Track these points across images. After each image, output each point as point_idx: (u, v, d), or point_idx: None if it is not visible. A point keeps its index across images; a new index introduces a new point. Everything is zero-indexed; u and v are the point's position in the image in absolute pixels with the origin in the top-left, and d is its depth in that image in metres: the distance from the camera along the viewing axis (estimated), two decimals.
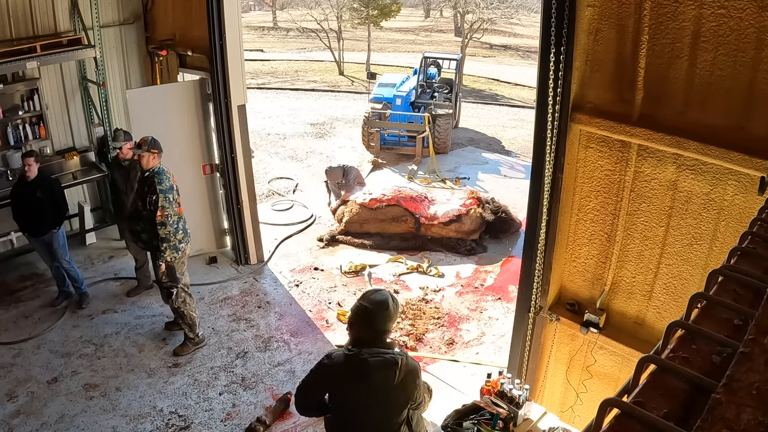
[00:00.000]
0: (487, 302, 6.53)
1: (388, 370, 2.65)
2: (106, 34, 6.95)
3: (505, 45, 29.26)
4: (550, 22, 3.36)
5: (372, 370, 2.65)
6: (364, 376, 2.67)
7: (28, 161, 5.48)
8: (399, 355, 2.70)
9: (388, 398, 2.75)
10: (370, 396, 2.74)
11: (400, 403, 2.77)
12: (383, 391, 2.71)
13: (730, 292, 1.18)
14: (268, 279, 6.92)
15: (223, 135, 6.50)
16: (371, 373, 2.65)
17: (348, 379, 2.72)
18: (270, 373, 5.27)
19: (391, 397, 2.75)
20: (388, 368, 2.65)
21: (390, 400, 2.76)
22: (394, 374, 2.64)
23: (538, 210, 3.86)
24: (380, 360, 2.65)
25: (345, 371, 2.71)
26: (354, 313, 2.75)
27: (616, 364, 3.88)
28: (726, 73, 2.92)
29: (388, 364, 2.65)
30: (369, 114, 11.74)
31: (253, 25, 32.60)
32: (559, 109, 3.55)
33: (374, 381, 2.67)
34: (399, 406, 2.78)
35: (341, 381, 2.74)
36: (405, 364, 2.68)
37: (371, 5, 22.44)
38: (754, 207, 2.80)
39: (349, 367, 2.69)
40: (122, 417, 4.69)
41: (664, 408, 0.87)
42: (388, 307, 2.71)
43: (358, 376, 2.69)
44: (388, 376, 2.65)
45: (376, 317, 2.70)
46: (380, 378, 2.66)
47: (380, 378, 2.66)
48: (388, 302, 2.72)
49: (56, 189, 5.84)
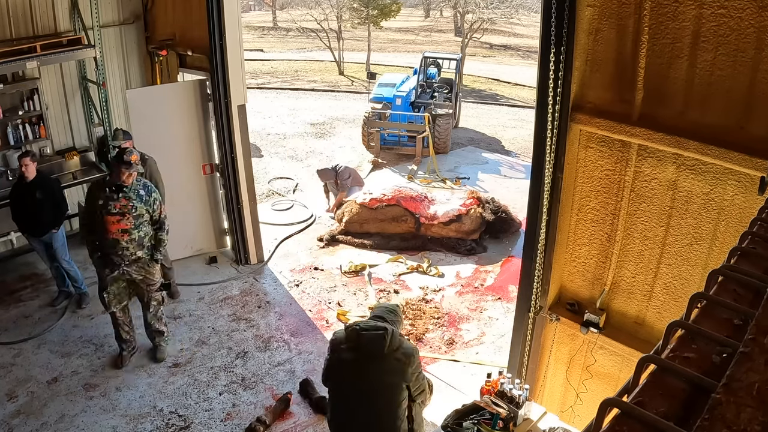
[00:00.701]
0: (487, 302, 6.53)
1: (377, 336, 2.94)
2: (106, 34, 6.95)
3: (505, 45, 29.26)
4: (550, 22, 3.36)
5: (362, 337, 2.96)
6: (357, 345, 2.97)
7: (25, 161, 5.46)
8: (390, 327, 3.01)
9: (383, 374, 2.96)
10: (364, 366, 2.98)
11: (394, 378, 2.95)
12: (375, 362, 2.95)
13: (730, 292, 1.18)
14: (268, 279, 6.92)
15: (223, 135, 6.50)
16: (361, 341, 2.96)
17: (344, 350, 3.03)
18: (270, 373, 5.27)
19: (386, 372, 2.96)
20: (377, 334, 2.95)
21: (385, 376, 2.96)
22: (383, 339, 2.92)
23: (538, 210, 3.86)
24: (371, 326, 3.00)
25: (343, 341, 3.05)
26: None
27: (616, 364, 3.88)
28: (726, 73, 2.93)
29: (377, 329, 2.97)
30: (369, 114, 11.74)
31: (253, 25, 32.61)
32: (559, 109, 3.55)
33: (364, 348, 2.96)
34: (394, 383, 2.95)
35: (340, 351, 3.05)
36: (396, 337, 2.97)
37: (371, 5, 22.45)
38: (754, 207, 2.80)
39: (347, 337, 3.03)
40: (122, 417, 4.69)
41: (664, 408, 0.87)
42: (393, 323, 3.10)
43: (352, 346, 3.00)
44: (377, 342, 2.92)
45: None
46: (370, 343, 2.94)
47: (370, 343, 2.94)
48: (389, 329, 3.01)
49: (56, 189, 5.82)
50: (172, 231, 6.83)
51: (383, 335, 2.92)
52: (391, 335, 2.93)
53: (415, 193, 8.17)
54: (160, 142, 6.54)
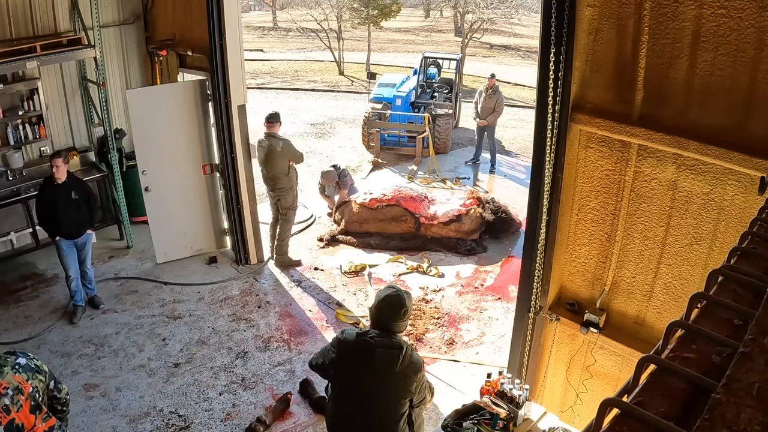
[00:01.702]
0: (487, 302, 6.53)
1: (392, 355, 2.78)
2: (106, 34, 6.95)
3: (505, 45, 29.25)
4: (550, 22, 3.36)
5: (375, 352, 2.79)
6: (369, 356, 2.80)
7: (56, 162, 5.37)
8: (405, 343, 2.83)
9: (389, 386, 2.84)
10: (372, 379, 2.85)
11: (400, 393, 2.85)
12: (385, 377, 2.81)
13: (730, 292, 1.18)
14: (268, 279, 6.92)
15: (223, 135, 6.50)
16: (374, 354, 2.79)
17: (354, 358, 2.87)
18: (270, 373, 5.27)
19: (392, 386, 2.84)
20: (391, 352, 2.78)
21: (390, 388, 2.85)
22: (397, 358, 2.75)
23: (538, 210, 3.86)
24: (386, 343, 2.80)
25: (353, 348, 2.87)
26: (371, 311, 2.96)
27: (616, 364, 3.88)
28: (726, 73, 2.92)
29: (392, 348, 2.79)
30: (369, 114, 11.74)
31: (253, 25, 32.59)
32: (559, 109, 3.55)
33: (376, 363, 2.80)
34: (398, 397, 2.86)
35: (348, 357, 2.90)
36: (409, 354, 2.80)
37: (371, 5, 22.44)
38: (754, 207, 2.80)
39: (357, 345, 2.86)
40: (122, 417, 4.69)
41: (664, 408, 0.86)
42: (400, 313, 2.88)
43: (363, 357, 2.83)
44: (390, 361, 2.77)
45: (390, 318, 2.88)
46: (383, 361, 2.78)
47: (383, 361, 2.78)
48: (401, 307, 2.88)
49: (87, 187, 5.85)
50: (173, 231, 6.89)
51: (398, 354, 2.79)
52: (404, 353, 2.80)
53: (415, 193, 8.18)
54: (160, 142, 6.55)
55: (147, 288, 6.56)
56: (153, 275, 6.79)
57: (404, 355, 2.78)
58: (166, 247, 6.99)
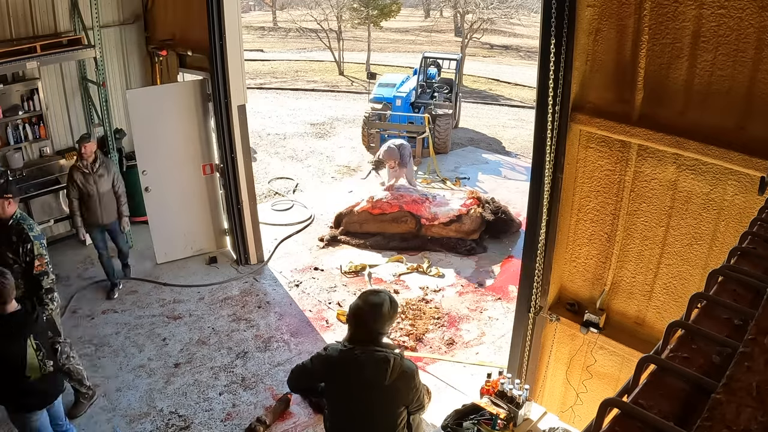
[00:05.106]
0: (487, 302, 6.53)
1: (379, 368, 2.64)
2: (106, 34, 6.95)
3: (505, 45, 29.27)
4: (550, 23, 3.35)
5: (362, 367, 2.66)
6: (355, 372, 2.68)
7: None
8: (392, 354, 2.68)
9: (381, 399, 2.72)
10: (363, 395, 2.73)
11: (394, 405, 2.74)
12: (375, 390, 2.69)
13: (730, 292, 1.18)
14: (268, 279, 6.92)
15: (223, 135, 6.50)
16: (361, 370, 2.66)
17: (339, 375, 2.75)
18: (270, 373, 5.27)
19: (385, 398, 2.72)
20: (378, 366, 2.64)
21: (383, 402, 2.73)
22: (385, 372, 2.63)
23: (538, 210, 3.86)
24: (371, 357, 2.65)
25: (337, 365, 2.73)
26: (350, 312, 2.81)
27: (616, 364, 3.88)
28: (726, 73, 2.92)
29: (379, 361, 2.64)
30: (369, 114, 11.74)
31: (253, 25, 32.61)
32: (559, 109, 3.55)
33: (365, 378, 2.67)
34: (393, 408, 2.75)
35: (333, 375, 2.77)
36: (398, 365, 2.66)
37: (371, 5, 22.45)
38: (754, 207, 2.80)
39: (341, 362, 2.72)
40: (122, 417, 4.69)
41: (664, 408, 0.86)
42: (383, 309, 2.72)
43: (348, 372, 2.70)
44: (378, 375, 2.64)
45: (371, 318, 2.71)
46: (370, 376, 2.65)
47: (370, 376, 2.65)
48: (384, 305, 2.73)
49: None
50: (173, 231, 6.89)
51: (386, 368, 2.62)
52: (391, 367, 2.63)
53: (416, 195, 8.18)
54: (160, 142, 6.55)
55: (147, 288, 6.56)
56: (153, 275, 6.79)
57: (392, 368, 2.63)
58: (166, 247, 6.99)
